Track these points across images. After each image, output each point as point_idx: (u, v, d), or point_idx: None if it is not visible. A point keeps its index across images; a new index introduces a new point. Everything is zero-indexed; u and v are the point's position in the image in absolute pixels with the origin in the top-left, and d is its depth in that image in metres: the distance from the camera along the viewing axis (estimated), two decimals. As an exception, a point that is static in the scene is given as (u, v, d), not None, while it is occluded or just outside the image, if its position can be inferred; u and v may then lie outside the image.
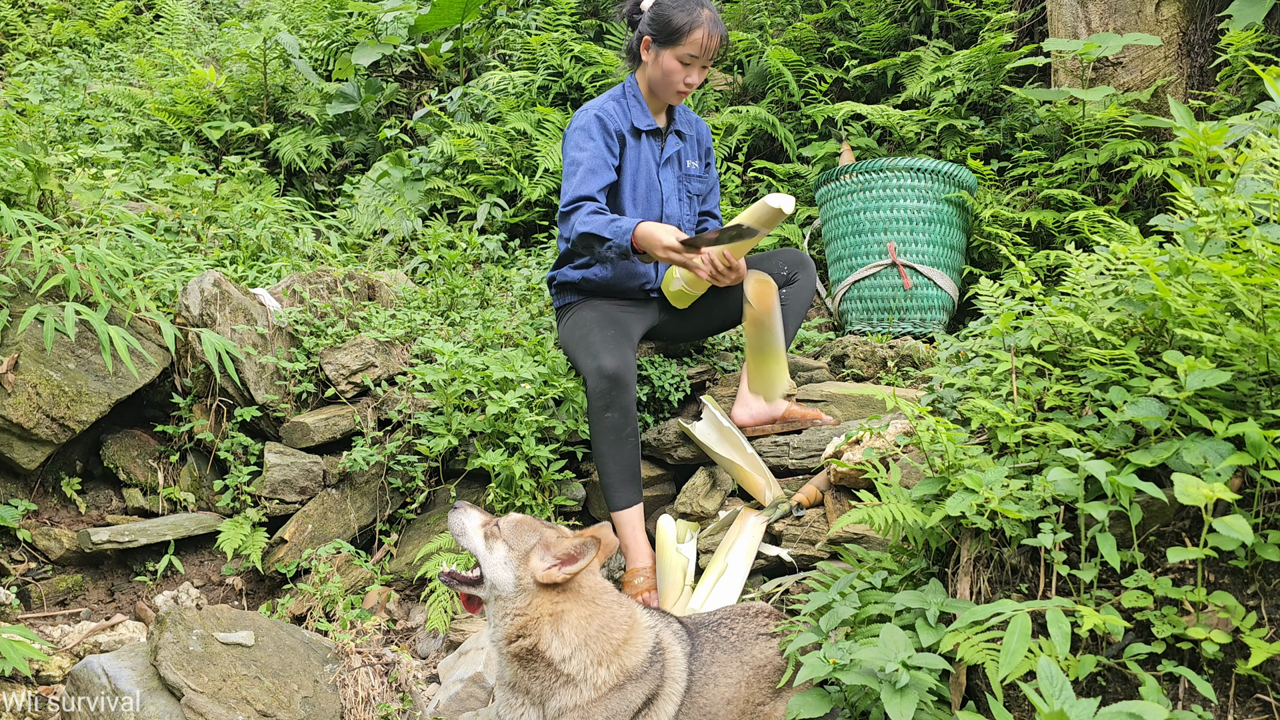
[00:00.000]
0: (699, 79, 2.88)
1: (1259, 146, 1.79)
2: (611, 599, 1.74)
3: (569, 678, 1.65)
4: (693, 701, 1.71)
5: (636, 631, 1.71)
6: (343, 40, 6.23)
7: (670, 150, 3.02)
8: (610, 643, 1.68)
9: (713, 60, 2.87)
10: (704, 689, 1.73)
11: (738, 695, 1.75)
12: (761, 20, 5.21)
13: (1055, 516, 1.53)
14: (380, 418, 3.01)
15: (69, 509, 2.90)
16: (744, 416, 2.92)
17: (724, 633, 1.82)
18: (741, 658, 1.79)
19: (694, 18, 2.78)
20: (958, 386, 2.01)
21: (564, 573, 1.66)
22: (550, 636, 1.65)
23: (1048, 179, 3.84)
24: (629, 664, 1.67)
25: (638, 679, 1.67)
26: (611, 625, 1.69)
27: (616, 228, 2.68)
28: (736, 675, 1.76)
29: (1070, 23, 3.97)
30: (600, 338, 2.72)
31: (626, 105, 2.96)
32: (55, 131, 5.01)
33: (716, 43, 2.82)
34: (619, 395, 2.59)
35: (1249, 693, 1.36)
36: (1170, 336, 1.62)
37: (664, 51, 2.84)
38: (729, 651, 1.79)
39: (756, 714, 1.78)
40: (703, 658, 1.76)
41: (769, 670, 1.80)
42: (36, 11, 7.44)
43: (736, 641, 1.81)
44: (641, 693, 1.66)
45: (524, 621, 1.66)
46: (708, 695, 1.72)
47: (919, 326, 3.73)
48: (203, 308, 2.98)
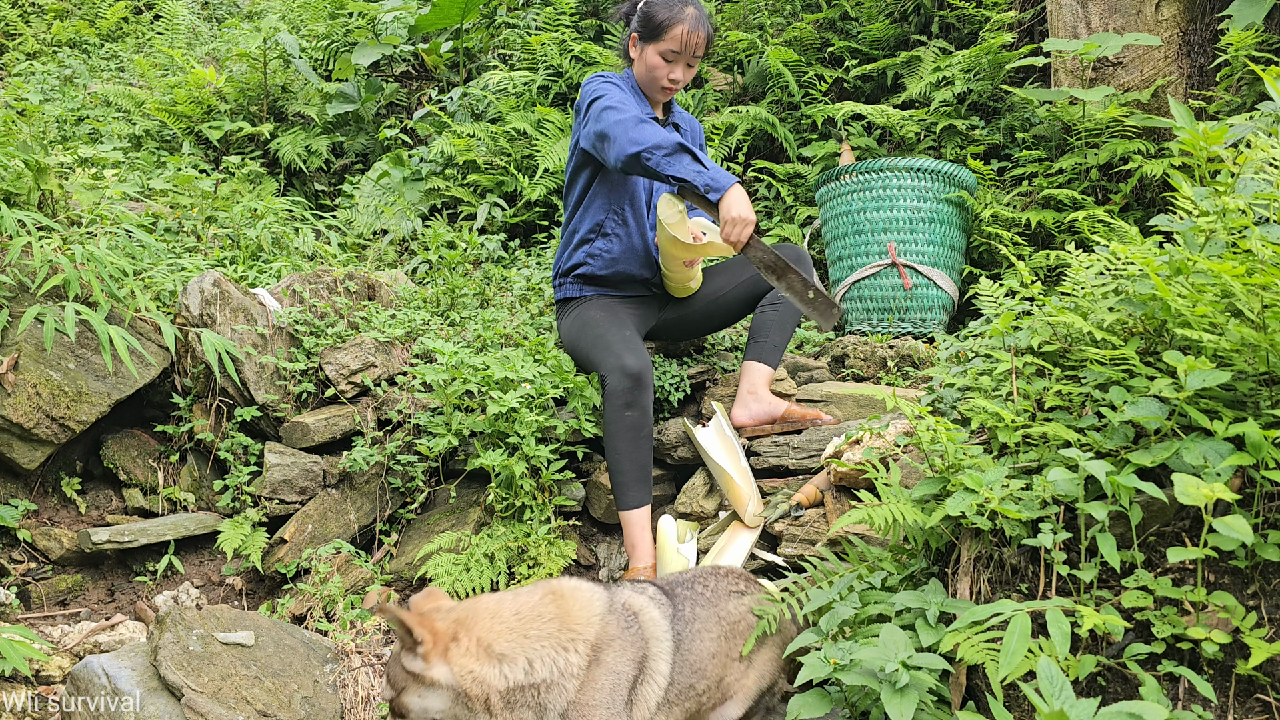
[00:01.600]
0: (683, 75, 2.90)
1: (1259, 146, 1.79)
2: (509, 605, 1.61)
3: (535, 686, 1.55)
4: (683, 658, 1.70)
5: (567, 604, 1.62)
6: (343, 40, 6.23)
7: None
8: (544, 631, 1.57)
9: (697, 58, 2.89)
10: (691, 644, 1.73)
11: (719, 650, 1.77)
12: (761, 20, 5.21)
13: (1055, 516, 1.53)
14: (380, 418, 3.01)
15: (69, 509, 2.90)
16: (743, 417, 2.92)
17: (699, 589, 1.84)
18: (718, 613, 1.81)
19: (675, 14, 2.81)
20: (958, 386, 2.01)
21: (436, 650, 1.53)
22: (491, 673, 1.52)
23: (1048, 179, 3.84)
24: (588, 636, 1.59)
25: (608, 646, 1.59)
26: (537, 612, 1.59)
27: (714, 166, 2.55)
28: (716, 630, 1.78)
29: (1070, 23, 3.97)
30: (619, 336, 2.74)
31: (628, 92, 2.99)
32: (55, 131, 5.01)
33: (698, 39, 2.83)
34: (640, 394, 2.62)
35: (1249, 693, 1.36)
36: (1170, 336, 1.62)
37: (648, 47, 2.87)
38: (707, 607, 1.81)
39: (732, 668, 1.81)
40: (685, 615, 1.76)
41: (742, 627, 1.83)
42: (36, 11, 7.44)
43: (712, 598, 1.83)
44: (627, 660, 1.60)
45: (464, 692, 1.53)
46: (695, 650, 1.73)
47: (919, 326, 3.73)
48: (203, 308, 2.98)
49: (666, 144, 2.56)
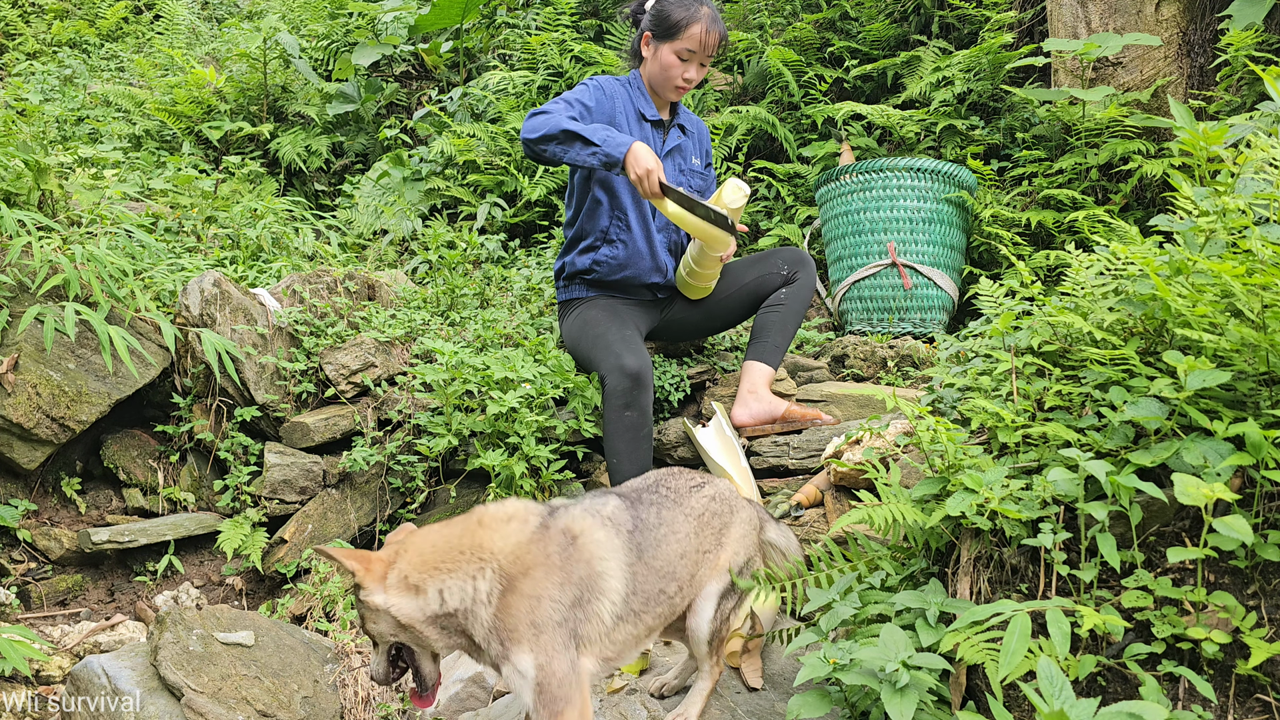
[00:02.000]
0: (697, 75, 2.91)
1: (1259, 146, 1.79)
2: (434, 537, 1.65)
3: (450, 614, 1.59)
4: (647, 566, 1.70)
5: (486, 533, 1.63)
6: (343, 40, 6.23)
7: (672, 143, 3.04)
8: (456, 562, 1.60)
9: (711, 57, 2.90)
10: (658, 550, 1.73)
11: (689, 548, 1.80)
12: (761, 20, 5.21)
13: (1055, 516, 1.53)
14: (380, 418, 3.01)
15: (69, 509, 2.90)
16: (743, 416, 2.92)
17: (663, 491, 1.86)
18: (684, 510, 1.83)
19: (692, 13, 2.82)
20: (958, 386, 2.01)
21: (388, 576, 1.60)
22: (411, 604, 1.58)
23: (1048, 179, 3.84)
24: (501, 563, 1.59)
25: (527, 573, 1.59)
26: (451, 544, 1.62)
27: (608, 135, 2.65)
28: (684, 528, 1.80)
29: (1070, 23, 3.97)
30: (618, 336, 2.74)
31: (632, 91, 3.00)
32: (55, 131, 5.01)
33: (714, 39, 2.84)
34: (640, 394, 2.61)
35: (1249, 693, 1.36)
36: (1170, 336, 1.62)
37: (663, 46, 2.87)
38: (672, 507, 1.82)
39: (704, 561, 1.83)
40: (649, 521, 1.76)
41: (708, 517, 1.86)
42: (36, 11, 7.44)
43: (675, 497, 1.85)
44: (554, 583, 1.59)
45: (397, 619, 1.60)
46: (663, 555, 1.74)
47: (919, 326, 3.73)
48: (203, 308, 2.98)
49: (554, 131, 2.65)
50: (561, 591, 1.59)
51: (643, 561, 1.71)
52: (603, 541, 1.67)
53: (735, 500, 1.96)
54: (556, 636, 1.56)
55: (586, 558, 1.64)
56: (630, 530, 1.72)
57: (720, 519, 1.89)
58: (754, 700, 2.01)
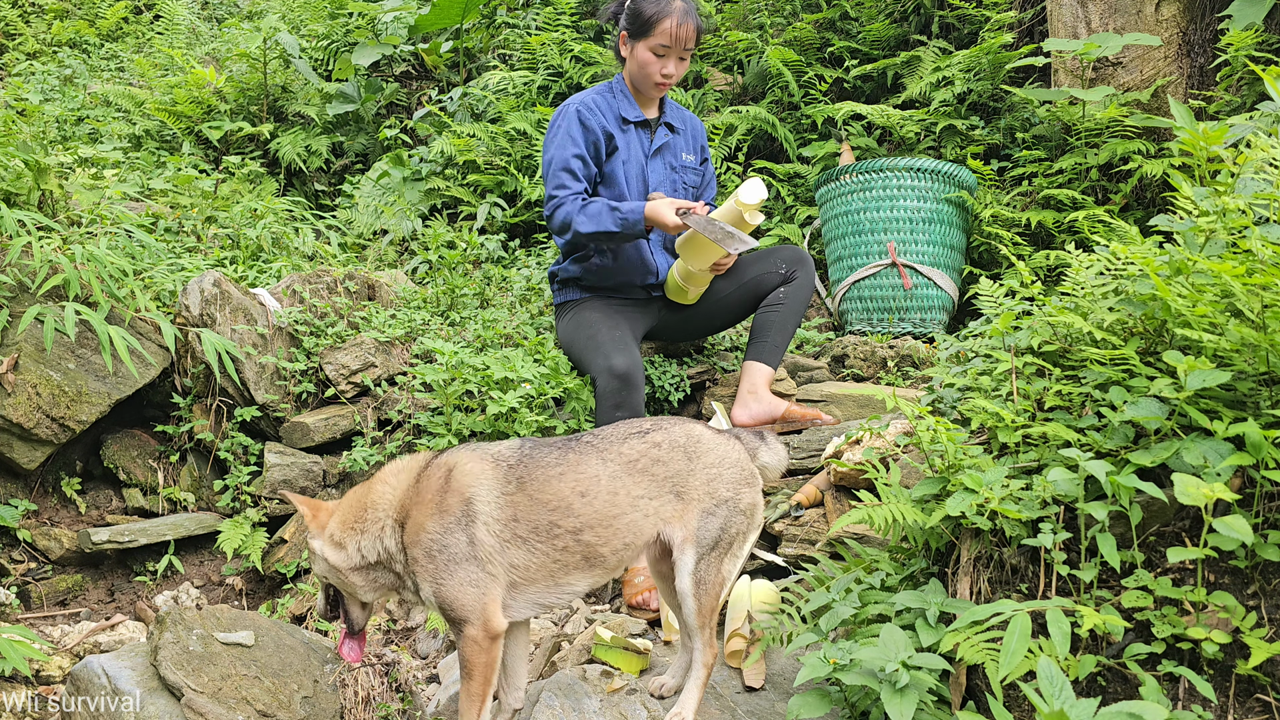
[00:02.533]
0: (677, 70, 2.89)
1: (1259, 146, 1.79)
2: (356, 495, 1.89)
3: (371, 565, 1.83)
4: (530, 498, 1.78)
5: (382, 489, 1.85)
6: (343, 40, 6.23)
7: (660, 141, 3.03)
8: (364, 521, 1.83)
9: (689, 50, 2.88)
10: (545, 486, 1.80)
11: (598, 488, 1.81)
12: (761, 20, 5.21)
13: (1055, 516, 1.53)
14: (380, 418, 3.01)
15: (69, 509, 2.90)
16: (743, 417, 2.92)
17: (587, 439, 1.89)
18: (603, 455, 1.85)
19: (662, 8, 2.81)
20: (958, 386, 2.01)
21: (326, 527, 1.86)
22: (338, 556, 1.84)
23: (1048, 179, 3.84)
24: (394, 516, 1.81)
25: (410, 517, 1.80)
26: (362, 503, 1.86)
27: (622, 219, 2.74)
28: (595, 470, 1.82)
29: (1070, 23, 3.97)
30: (609, 337, 2.74)
31: (614, 98, 2.98)
32: (55, 131, 5.01)
33: (688, 32, 2.83)
34: (629, 395, 2.60)
35: (1249, 693, 1.36)
36: (1170, 336, 1.62)
37: (638, 44, 2.87)
38: (587, 451, 1.85)
39: (640, 507, 1.82)
40: (545, 459, 1.83)
41: (645, 463, 1.85)
42: (36, 11, 7.44)
43: (599, 443, 1.87)
44: (431, 513, 1.78)
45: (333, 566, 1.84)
46: (552, 490, 1.79)
47: (919, 326, 3.73)
48: (203, 308, 2.98)
49: (579, 239, 2.81)
50: (438, 522, 1.76)
51: (524, 493, 1.79)
52: (473, 471, 1.81)
53: (703, 445, 1.90)
54: (444, 560, 1.75)
55: (458, 487, 1.79)
56: (512, 464, 1.83)
57: (667, 465, 1.85)
58: (754, 700, 2.01)
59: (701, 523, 1.84)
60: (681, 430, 1.92)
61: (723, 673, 2.10)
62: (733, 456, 1.91)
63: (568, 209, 2.82)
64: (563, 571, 1.81)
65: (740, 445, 1.96)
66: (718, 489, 1.87)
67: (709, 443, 1.91)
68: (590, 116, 2.89)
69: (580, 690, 1.93)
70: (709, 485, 1.87)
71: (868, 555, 1.97)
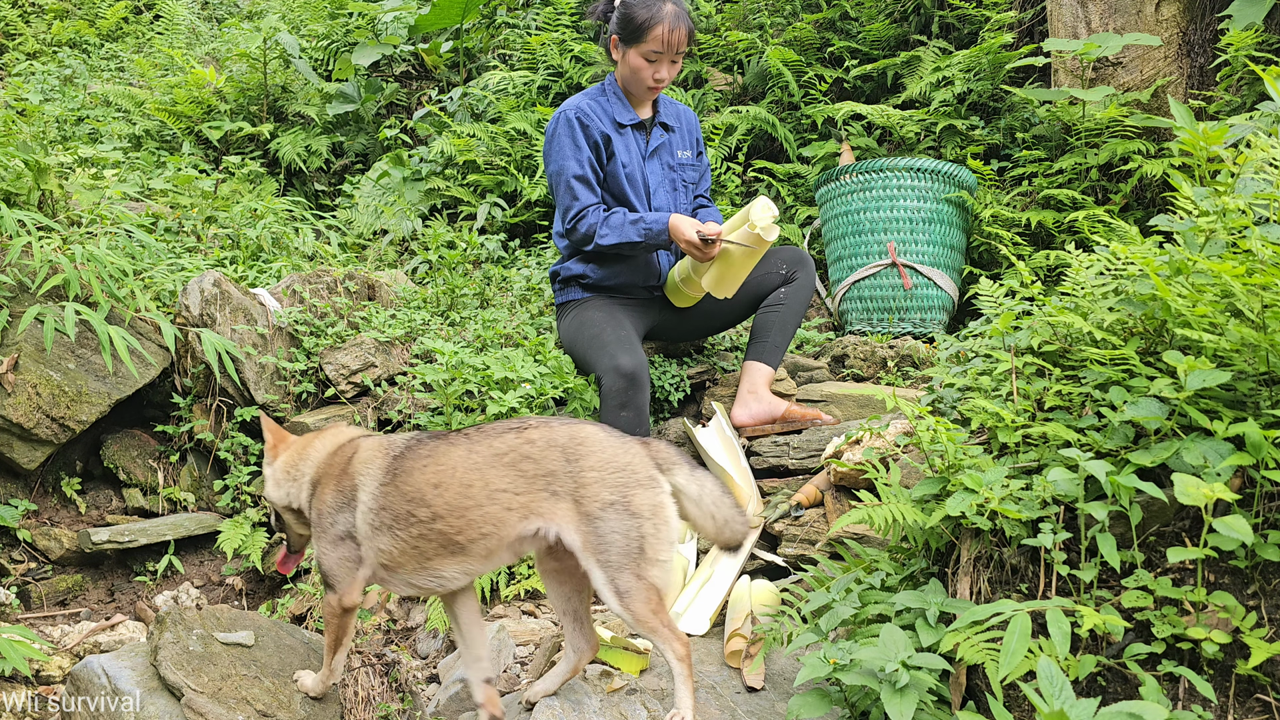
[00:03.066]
0: (669, 73, 2.87)
1: (1259, 146, 1.79)
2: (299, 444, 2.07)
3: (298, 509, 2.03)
4: (398, 489, 1.87)
5: (313, 449, 2.03)
6: (343, 40, 6.23)
7: (656, 142, 3.02)
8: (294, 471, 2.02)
9: (679, 54, 2.85)
10: (409, 477, 1.87)
11: (452, 480, 1.83)
12: (761, 20, 5.21)
13: (1055, 516, 1.53)
14: (380, 418, 3.01)
15: (69, 509, 2.90)
16: (743, 417, 2.92)
17: (470, 432, 1.92)
18: (473, 448, 1.86)
19: (654, 14, 2.77)
20: (958, 386, 2.01)
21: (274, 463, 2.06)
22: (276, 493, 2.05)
23: (1048, 179, 3.84)
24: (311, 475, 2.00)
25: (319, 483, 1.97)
26: (302, 453, 2.04)
27: (646, 230, 2.80)
28: (457, 462, 1.85)
29: (1070, 23, 3.97)
30: (614, 336, 2.73)
31: (607, 101, 2.96)
32: (55, 131, 5.01)
33: (679, 37, 2.80)
34: (635, 394, 2.60)
35: (1249, 693, 1.36)
36: (1170, 336, 1.62)
37: (630, 50, 2.84)
38: (459, 443, 1.89)
39: (500, 500, 1.81)
40: (420, 451, 1.90)
41: (513, 458, 1.84)
42: (36, 11, 7.44)
43: (476, 435, 1.90)
44: (331, 490, 1.93)
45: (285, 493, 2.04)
46: (412, 482, 1.86)
47: (919, 326, 3.73)
48: (203, 308, 2.98)
49: (606, 249, 2.85)
50: (333, 498, 1.92)
51: (394, 484, 1.87)
52: (366, 460, 1.93)
53: (586, 446, 1.83)
54: (329, 534, 1.92)
55: (352, 472, 1.93)
56: (396, 455, 1.91)
57: (539, 463, 1.81)
58: (754, 700, 2.01)
59: (592, 529, 1.78)
60: (566, 431, 1.87)
61: (723, 673, 2.10)
62: (621, 460, 1.83)
63: (590, 220, 2.84)
64: (425, 557, 1.87)
65: (640, 450, 1.87)
66: (599, 492, 1.79)
67: (595, 445, 1.84)
68: (588, 122, 2.88)
69: (580, 690, 1.93)
70: (590, 487, 1.80)
71: (868, 555, 1.96)
